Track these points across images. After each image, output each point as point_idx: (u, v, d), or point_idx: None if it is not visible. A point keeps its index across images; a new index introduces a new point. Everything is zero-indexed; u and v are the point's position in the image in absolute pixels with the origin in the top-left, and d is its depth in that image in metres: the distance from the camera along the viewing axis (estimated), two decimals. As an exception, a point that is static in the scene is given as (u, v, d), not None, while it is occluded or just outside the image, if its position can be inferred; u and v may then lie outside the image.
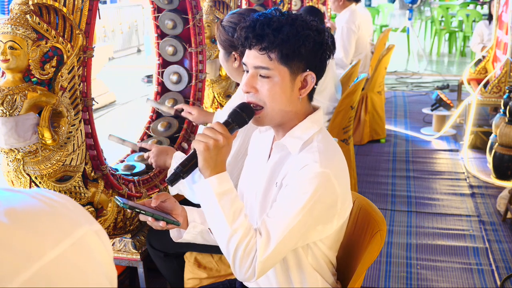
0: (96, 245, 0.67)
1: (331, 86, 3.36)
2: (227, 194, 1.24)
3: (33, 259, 0.57)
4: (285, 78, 1.28)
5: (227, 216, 1.22)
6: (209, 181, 1.24)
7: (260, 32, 1.25)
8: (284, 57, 1.26)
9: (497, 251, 2.90)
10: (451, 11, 10.75)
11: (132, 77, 8.19)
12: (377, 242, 1.40)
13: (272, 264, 1.26)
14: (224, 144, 1.25)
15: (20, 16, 1.55)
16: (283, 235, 1.22)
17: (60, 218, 0.64)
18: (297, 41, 1.24)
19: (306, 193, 1.23)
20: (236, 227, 1.22)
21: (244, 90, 1.32)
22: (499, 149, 3.58)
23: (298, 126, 1.34)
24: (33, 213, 0.62)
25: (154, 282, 2.32)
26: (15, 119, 1.55)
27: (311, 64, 1.30)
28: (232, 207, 1.24)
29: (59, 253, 0.60)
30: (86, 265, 0.64)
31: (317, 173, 1.24)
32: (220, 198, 1.23)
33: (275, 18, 1.26)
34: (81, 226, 0.65)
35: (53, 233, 0.61)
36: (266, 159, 1.43)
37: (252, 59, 1.29)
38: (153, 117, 2.61)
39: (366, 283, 2.64)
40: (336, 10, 5.02)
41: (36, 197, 0.65)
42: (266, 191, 1.38)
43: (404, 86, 7.30)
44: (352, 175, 3.37)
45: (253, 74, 1.30)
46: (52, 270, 0.59)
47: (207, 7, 2.75)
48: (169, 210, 1.39)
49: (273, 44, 1.24)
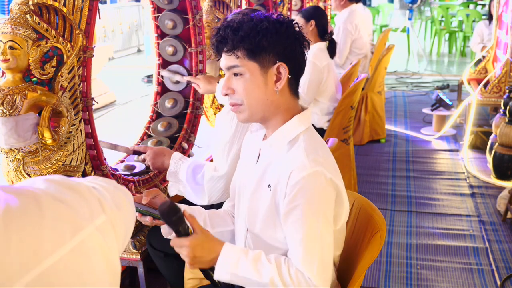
0: (97, 245, 0.67)
1: (332, 86, 3.36)
2: (237, 264, 1.26)
3: (30, 265, 0.57)
4: (255, 73, 1.33)
5: (254, 276, 1.25)
6: (217, 274, 1.28)
7: (223, 34, 1.33)
8: (249, 52, 1.31)
9: (497, 251, 2.90)
10: (451, 11, 10.75)
11: (132, 77, 8.19)
12: (377, 242, 1.41)
13: (329, 272, 1.28)
14: (195, 245, 1.25)
15: (20, 16, 1.55)
16: (314, 252, 1.24)
17: (61, 221, 0.64)
18: (256, 35, 1.29)
19: (309, 203, 1.25)
20: (266, 274, 1.24)
21: (223, 93, 1.38)
22: (499, 149, 3.58)
23: (285, 125, 1.37)
24: (32, 216, 0.61)
25: (154, 282, 2.32)
26: (15, 119, 1.55)
27: (280, 55, 1.33)
28: (250, 267, 1.26)
29: (56, 259, 0.60)
30: (84, 269, 0.64)
31: (308, 175, 1.26)
32: (235, 277, 1.26)
33: (237, 20, 1.33)
34: (82, 229, 0.65)
35: (51, 238, 0.61)
36: (255, 161, 1.45)
37: (224, 62, 1.37)
38: (153, 117, 2.61)
39: (366, 283, 2.64)
40: (336, 9, 5.02)
41: (45, 193, 0.65)
42: (254, 192, 1.40)
43: (404, 86, 7.30)
44: (352, 175, 3.37)
45: (228, 76, 1.37)
46: (49, 276, 0.59)
47: (207, 7, 2.74)
48: (158, 206, 1.40)
49: (235, 42, 1.31)
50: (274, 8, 3.85)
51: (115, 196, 0.78)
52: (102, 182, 0.82)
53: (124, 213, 0.80)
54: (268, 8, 3.79)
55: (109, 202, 0.74)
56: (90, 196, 0.71)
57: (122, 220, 0.76)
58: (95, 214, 0.69)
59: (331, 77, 3.31)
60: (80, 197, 0.69)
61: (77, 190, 0.70)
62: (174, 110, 2.59)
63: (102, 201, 0.73)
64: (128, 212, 0.84)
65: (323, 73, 3.22)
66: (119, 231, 0.74)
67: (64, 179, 0.72)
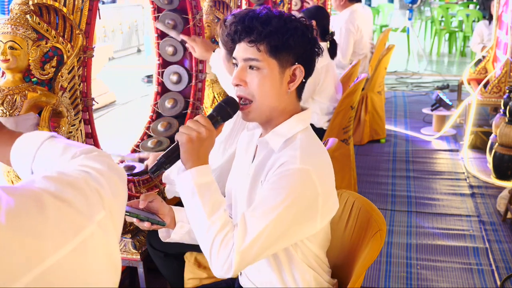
0: (99, 242, 0.67)
1: (331, 86, 3.36)
2: (207, 186, 1.24)
3: (32, 265, 0.57)
4: (274, 71, 1.30)
5: (205, 207, 1.21)
6: (189, 173, 1.24)
7: (249, 24, 1.28)
8: (273, 49, 1.28)
9: (497, 251, 2.90)
10: (451, 11, 10.75)
11: (132, 77, 8.19)
12: (377, 242, 1.41)
13: (250, 258, 1.21)
14: (207, 137, 1.25)
15: (20, 16, 1.55)
16: (260, 228, 1.20)
17: (62, 221, 0.64)
18: (285, 33, 1.27)
19: (285, 188, 1.22)
20: (214, 219, 1.21)
21: (234, 83, 1.33)
22: (499, 149, 3.58)
23: (283, 123, 1.35)
24: (33, 216, 0.61)
25: (154, 282, 2.32)
26: (15, 119, 1.55)
27: (299, 57, 1.32)
28: (211, 199, 1.23)
29: (57, 259, 0.60)
30: (86, 268, 0.64)
31: (296, 169, 1.24)
32: (199, 189, 1.22)
33: (263, 13, 1.30)
34: (83, 227, 0.65)
35: (53, 239, 0.61)
36: (251, 158, 1.43)
37: (241, 52, 1.32)
38: (153, 117, 2.61)
39: (366, 283, 2.64)
40: (337, 9, 5.02)
41: (45, 192, 0.65)
42: (251, 189, 1.38)
43: (404, 86, 7.30)
44: (352, 175, 3.37)
45: (243, 67, 1.32)
46: (50, 276, 0.59)
47: (207, 7, 2.75)
48: (155, 210, 1.40)
49: (262, 35, 1.27)
50: (274, 8, 3.85)
51: (110, 182, 0.77)
52: (95, 163, 0.80)
53: (120, 198, 0.79)
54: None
55: (107, 191, 0.74)
56: (88, 190, 0.71)
57: (118, 207, 0.76)
58: (96, 210, 0.69)
59: (330, 77, 3.31)
60: (79, 194, 0.69)
61: (76, 186, 0.70)
62: (174, 110, 2.59)
63: (101, 192, 0.72)
64: (123, 196, 0.82)
65: (321, 74, 3.22)
66: (117, 220, 0.74)
67: (62, 175, 0.72)
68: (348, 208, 1.59)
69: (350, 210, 1.58)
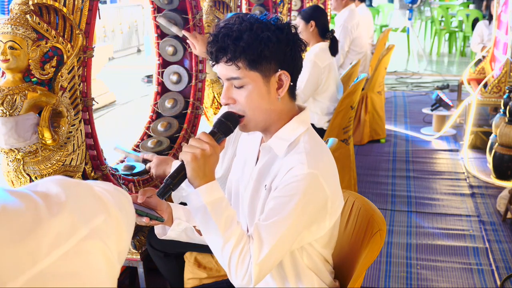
0: (97, 245, 0.67)
1: (333, 86, 3.36)
2: (218, 203, 1.24)
3: (26, 266, 0.57)
4: (258, 83, 1.29)
5: (219, 224, 1.22)
6: (199, 191, 1.24)
7: (222, 44, 1.26)
8: (251, 63, 1.26)
9: (497, 251, 2.90)
10: (451, 11, 10.75)
11: (132, 77, 8.19)
12: (377, 242, 1.41)
13: (268, 268, 1.25)
14: (211, 153, 1.25)
15: (20, 16, 1.55)
16: (276, 238, 1.22)
17: (59, 223, 0.64)
18: (258, 45, 1.25)
19: (296, 195, 1.24)
20: (228, 235, 1.22)
21: (223, 103, 1.34)
22: (499, 149, 3.58)
23: (284, 127, 1.35)
24: (29, 218, 0.61)
25: (154, 282, 2.32)
26: (15, 119, 1.55)
27: (281, 63, 1.30)
28: (224, 215, 1.23)
29: (52, 261, 0.60)
30: (82, 270, 0.64)
31: (305, 175, 1.25)
32: (211, 207, 1.23)
33: (235, 27, 1.26)
34: (79, 230, 0.65)
35: (48, 240, 0.61)
36: (254, 162, 1.43)
37: (223, 72, 1.31)
38: (153, 117, 2.61)
39: (366, 283, 2.64)
40: (336, 9, 5.03)
41: (38, 195, 0.65)
42: (254, 193, 1.39)
43: (404, 86, 7.30)
44: (352, 175, 3.37)
45: (228, 86, 1.32)
46: (44, 277, 0.59)
47: (207, 7, 2.74)
48: (154, 206, 1.40)
49: (236, 53, 1.25)
50: (274, 8, 3.85)
51: (115, 197, 0.78)
52: (101, 184, 0.82)
53: (127, 214, 0.80)
54: (268, 8, 3.79)
55: (112, 203, 0.74)
56: (89, 195, 0.71)
57: (124, 221, 0.76)
58: (94, 214, 0.69)
59: (332, 77, 3.31)
60: (78, 197, 0.69)
61: (76, 190, 0.70)
62: (174, 110, 2.59)
63: (105, 201, 0.73)
64: (130, 213, 0.84)
65: (323, 73, 3.22)
66: (122, 232, 0.74)
67: (65, 180, 0.72)
68: (348, 208, 1.60)
69: (350, 210, 1.59)
